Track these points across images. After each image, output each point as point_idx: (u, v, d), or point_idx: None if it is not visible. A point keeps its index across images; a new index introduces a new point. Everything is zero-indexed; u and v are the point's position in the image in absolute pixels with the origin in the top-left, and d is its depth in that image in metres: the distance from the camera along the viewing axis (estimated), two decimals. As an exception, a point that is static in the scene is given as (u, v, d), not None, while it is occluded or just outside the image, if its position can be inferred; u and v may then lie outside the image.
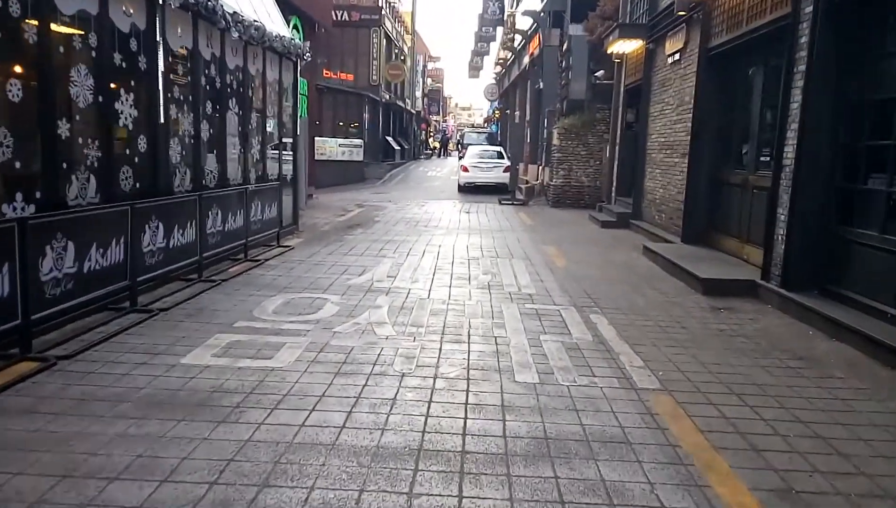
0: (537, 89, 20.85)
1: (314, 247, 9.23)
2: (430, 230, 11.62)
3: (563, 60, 17.58)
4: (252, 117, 8.67)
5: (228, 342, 4.71)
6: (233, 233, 7.55)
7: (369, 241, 10.00)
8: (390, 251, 9.05)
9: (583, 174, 16.94)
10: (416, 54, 43.41)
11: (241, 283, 6.76)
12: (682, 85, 10.24)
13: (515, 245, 10.04)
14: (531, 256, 9.03)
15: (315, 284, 6.78)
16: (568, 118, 17.06)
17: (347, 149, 24.02)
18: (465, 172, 20.54)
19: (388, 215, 13.93)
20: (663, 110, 11.21)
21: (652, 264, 8.56)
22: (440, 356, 4.58)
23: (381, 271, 7.53)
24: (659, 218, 11.16)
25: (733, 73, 8.82)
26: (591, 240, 10.90)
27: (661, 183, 11.18)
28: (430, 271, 7.66)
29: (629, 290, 7.00)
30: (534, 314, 5.83)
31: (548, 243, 10.36)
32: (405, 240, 10.23)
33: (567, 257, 9.01)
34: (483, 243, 10.26)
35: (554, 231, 11.95)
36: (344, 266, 7.78)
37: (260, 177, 9.02)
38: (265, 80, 9.08)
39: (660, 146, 11.33)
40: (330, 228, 11.64)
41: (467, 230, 11.82)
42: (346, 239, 10.17)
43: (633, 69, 13.51)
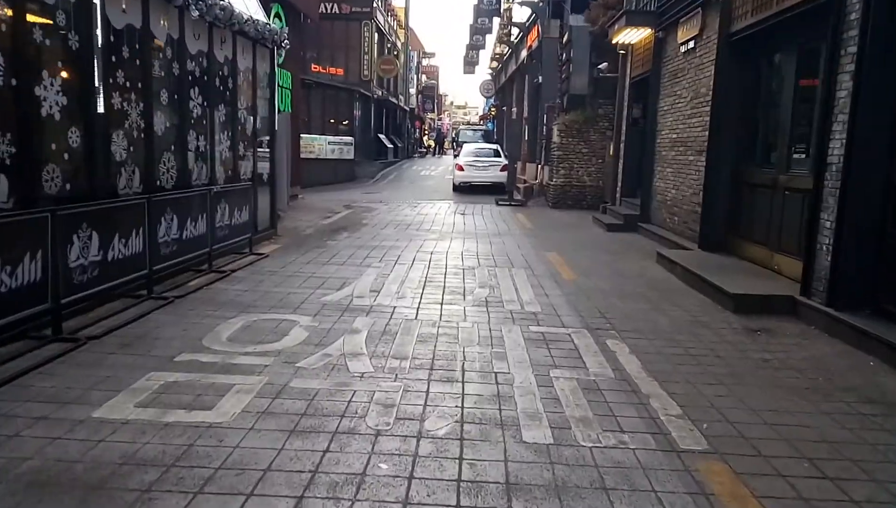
0: (536, 84, 19.94)
1: (291, 254, 8.28)
2: (421, 235, 10.68)
3: (564, 53, 16.66)
4: (220, 110, 7.72)
5: (163, 383, 3.77)
6: (194, 241, 6.59)
7: (354, 247, 9.06)
8: (376, 260, 8.11)
9: (584, 173, 16.03)
10: (409, 50, 42.42)
11: (198, 300, 5.81)
12: (697, 75, 9.33)
13: (515, 252, 9.12)
14: (533, 265, 8.10)
15: (285, 301, 5.83)
16: (569, 114, 16.15)
17: (337, 147, 23.07)
18: (460, 172, 19.61)
19: (378, 218, 12.99)
20: (675, 104, 10.30)
21: (669, 275, 7.64)
22: (427, 403, 3.64)
23: (364, 285, 6.59)
24: (671, 221, 10.25)
25: (759, 59, 7.90)
26: (597, 245, 9.98)
27: (673, 183, 10.27)
28: (419, 285, 6.73)
29: (648, 307, 6.08)
30: (540, 340, 4.91)
31: (550, 249, 9.44)
32: (394, 246, 9.29)
33: (573, 265, 8.09)
34: (480, 249, 9.33)
35: (556, 235, 11.03)
36: (321, 278, 6.84)
37: (230, 177, 8.07)
38: (236, 68, 8.12)
39: (671, 143, 10.41)
40: (312, 231, 10.69)
41: (462, 234, 10.89)
42: (329, 245, 9.22)
43: (639, 61, 12.60)
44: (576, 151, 16.01)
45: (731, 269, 7.18)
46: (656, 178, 11.20)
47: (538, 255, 8.86)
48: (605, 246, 9.89)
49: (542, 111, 18.46)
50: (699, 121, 9.17)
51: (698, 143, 9.15)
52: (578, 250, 9.45)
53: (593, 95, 16.01)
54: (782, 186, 7.11)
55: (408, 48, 41.10)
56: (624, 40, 12.71)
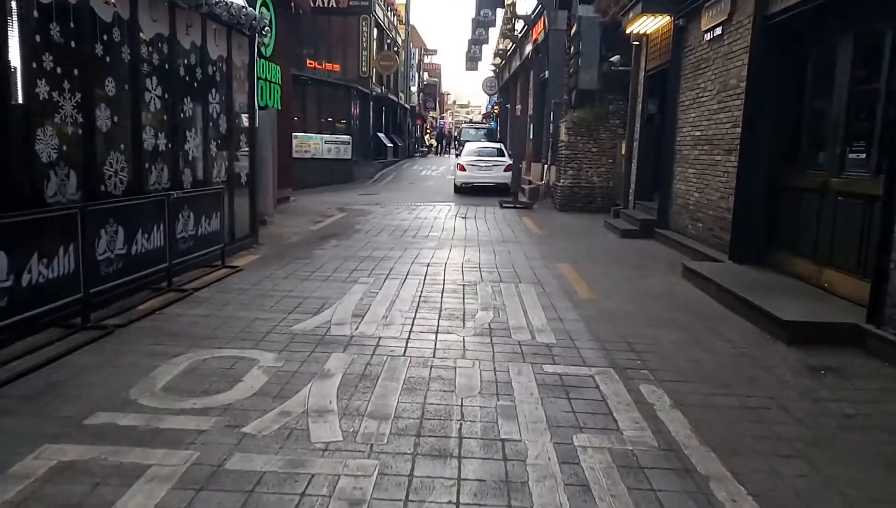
0: (541, 80, 18.94)
1: (269, 268, 7.31)
2: (418, 242, 9.70)
3: (571, 46, 15.66)
4: (185, 103, 6.75)
5: (54, 465, 2.80)
6: (147, 256, 5.62)
7: (342, 258, 8.08)
8: (365, 274, 7.13)
9: (594, 174, 15.04)
10: (410, 47, 41.43)
11: (144, 331, 4.84)
12: (725, 66, 8.33)
13: (522, 262, 8.13)
14: (543, 279, 7.12)
15: (248, 331, 4.86)
16: (577, 111, 15.15)
17: (334, 146, 22.11)
18: (462, 172, 18.62)
19: (373, 222, 12.01)
20: (699, 98, 9.30)
21: (701, 294, 6.64)
22: (409, 497, 2.66)
23: (346, 307, 5.61)
24: (694, 228, 9.25)
25: (803, 45, 6.90)
26: (612, 255, 8.99)
27: (696, 185, 9.27)
28: (411, 306, 5.75)
29: (684, 337, 5.09)
30: (558, 386, 3.93)
31: (561, 258, 8.46)
32: (387, 256, 8.32)
33: (588, 280, 7.11)
34: (482, 259, 8.34)
35: (566, 242, 10.04)
36: (298, 298, 5.87)
37: (199, 180, 7.10)
38: (205, 57, 7.15)
39: (694, 141, 9.42)
40: (299, 239, 9.72)
41: (463, 241, 9.90)
42: (315, 255, 8.25)
43: (656, 52, 11.60)
44: (585, 150, 15.02)
45: (774, 288, 6.18)
46: (676, 179, 10.21)
47: (548, 267, 7.87)
48: (622, 256, 8.89)
49: (549, 108, 17.46)
50: (728, 116, 8.17)
51: (727, 141, 8.16)
52: (593, 260, 8.46)
53: (603, 90, 15.01)
54: (834, 191, 6.11)
55: (408, 44, 40.10)
56: (639, 30, 11.72)
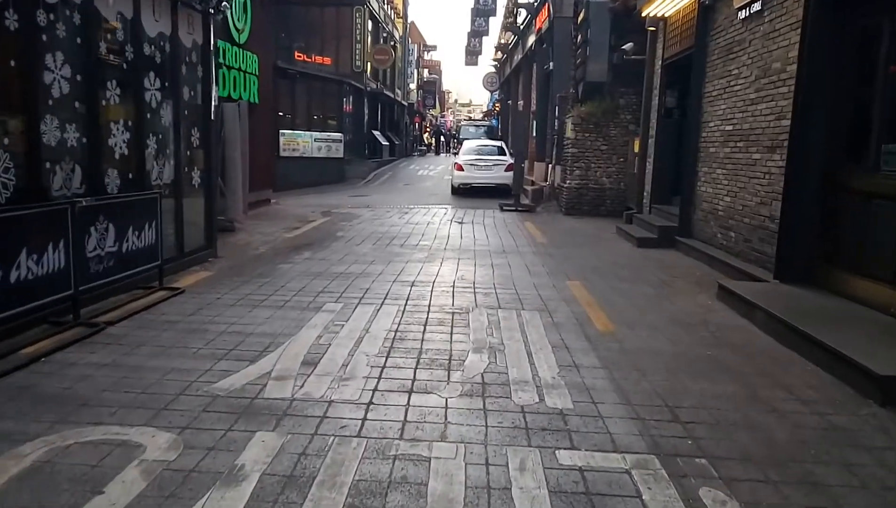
0: (546, 72, 17.64)
1: (219, 289, 6.04)
2: (405, 253, 8.43)
3: (578, 34, 14.36)
4: (109, 89, 5.47)
5: None
6: (39, 282, 4.34)
7: (311, 275, 6.81)
8: (333, 297, 5.86)
9: (603, 174, 13.75)
10: (408, 42, 40.07)
11: (4, 393, 3.56)
12: (766, 47, 7.04)
13: (525, 280, 6.85)
14: (550, 303, 5.83)
15: (152, 391, 3.58)
16: (585, 105, 13.85)
17: (325, 144, 20.85)
18: (460, 172, 17.33)
19: (357, 228, 10.73)
20: (731, 87, 8.00)
21: (743, 322, 5.36)
22: None
23: (297, 350, 4.33)
24: (725, 238, 7.96)
25: (874, 16, 5.61)
26: (629, 269, 7.70)
27: (727, 188, 7.98)
28: (382, 347, 4.47)
29: (740, 392, 3.81)
30: (580, 494, 2.65)
31: (570, 274, 7.18)
32: (365, 272, 7.04)
33: (604, 303, 5.83)
34: (478, 275, 7.06)
35: (575, 253, 8.75)
36: (238, 335, 4.59)
37: (131, 183, 5.82)
38: (139, 32, 5.88)
39: (724, 137, 8.13)
40: (267, 249, 8.44)
41: (457, 252, 8.62)
42: (279, 271, 6.98)
43: (676, 37, 10.31)
44: (593, 148, 13.73)
45: (842, 319, 4.89)
46: (701, 181, 8.92)
47: (556, 285, 6.59)
48: (641, 270, 7.60)
49: (554, 103, 16.17)
50: (769, 107, 6.89)
51: (768, 135, 6.88)
52: (607, 276, 7.17)
53: (613, 82, 13.71)
54: (920, 198, 4.83)
55: (406, 39, 38.75)
56: (656, 13, 10.45)
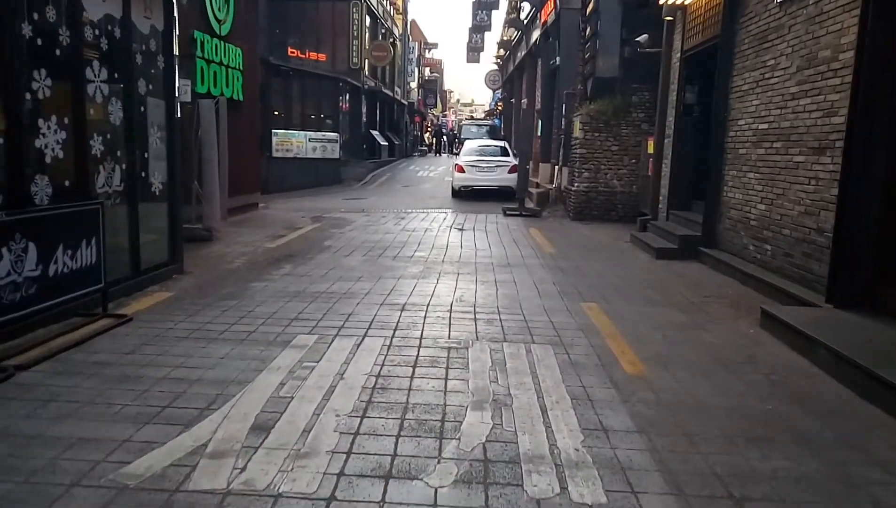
0: (551, 68, 16.72)
1: (174, 315, 5.12)
2: (398, 267, 7.51)
3: (587, 27, 13.44)
4: (37, 80, 4.56)
5: None
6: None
7: (286, 296, 5.90)
8: (307, 326, 4.94)
9: (614, 177, 12.82)
10: (409, 39, 39.11)
11: None
12: (811, 33, 6.12)
13: (533, 302, 5.92)
14: (566, 334, 4.91)
15: (34, 480, 2.64)
16: (594, 103, 12.93)
17: (320, 144, 19.93)
18: (461, 173, 16.40)
19: (348, 236, 9.82)
20: (764, 80, 7.08)
21: (798, 359, 4.42)
22: None
23: (247, 408, 3.40)
24: (759, 251, 7.03)
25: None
26: (652, 286, 6.76)
27: (760, 194, 7.05)
28: (357, 403, 3.53)
29: (822, 471, 2.88)
30: None
31: (586, 294, 6.26)
32: (349, 292, 6.13)
33: (629, 333, 4.90)
34: (480, 295, 6.14)
35: (588, 265, 7.82)
36: (179, 384, 3.68)
37: (68, 190, 4.90)
38: (77, 14, 4.96)
39: (758, 136, 7.20)
40: (243, 263, 7.53)
41: (456, 266, 7.70)
42: (251, 291, 6.07)
43: (697, 27, 9.38)
44: (603, 148, 12.81)
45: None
46: (728, 186, 7.99)
47: (570, 309, 5.67)
48: (666, 288, 6.67)
49: (560, 100, 15.24)
50: (816, 102, 5.96)
51: (814, 135, 5.95)
52: (628, 296, 6.24)
53: (624, 78, 12.79)
54: None
55: (406, 36, 37.80)
56: (675, 0, 9.53)
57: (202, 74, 9.91)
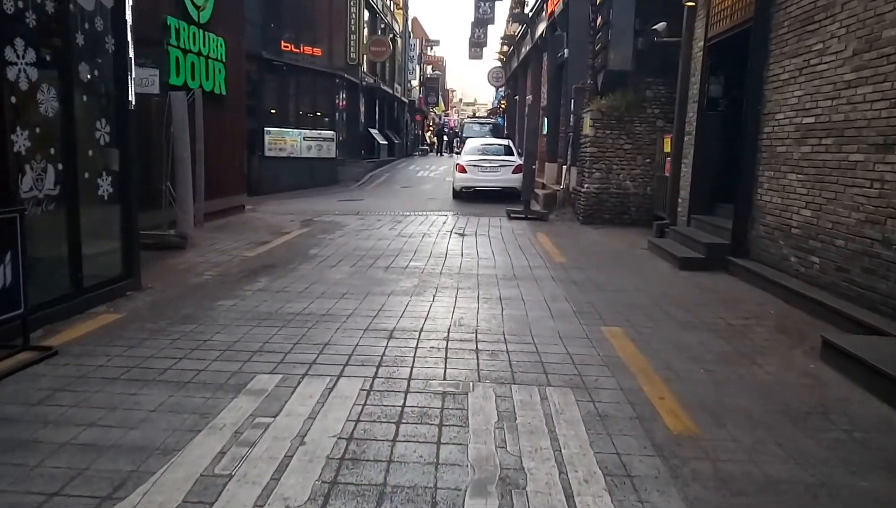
0: (558, 62, 15.80)
1: (111, 347, 4.23)
2: (390, 280, 6.61)
3: (598, 16, 12.52)
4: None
5: None
6: None
7: (254, 319, 5.00)
8: (270, 363, 4.04)
9: (627, 177, 11.90)
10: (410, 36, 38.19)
11: None
12: (870, 11, 5.21)
13: (546, 326, 5.01)
14: (589, 371, 4.00)
15: None
16: (605, 98, 12.01)
17: (315, 143, 19.05)
18: (462, 174, 15.49)
19: (337, 243, 8.92)
20: (810, 67, 6.16)
21: (884, 409, 3.52)
22: None
23: (164, 494, 2.51)
24: (803, 263, 6.11)
25: None
26: (682, 305, 5.84)
27: (805, 198, 6.14)
28: (319, 485, 2.62)
29: None
30: None
31: (607, 315, 5.34)
32: (331, 313, 5.23)
33: (670, 375, 3.99)
34: (482, 319, 5.23)
35: (605, 279, 6.91)
36: (83, 455, 2.78)
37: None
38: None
39: (802, 132, 6.29)
40: (214, 276, 6.63)
41: (456, 278, 6.80)
42: (215, 312, 5.17)
43: (724, 11, 8.46)
44: (615, 146, 11.89)
45: None
46: (763, 188, 7.07)
47: (590, 335, 4.76)
48: (698, 307, 5.75)
49: (569, 96, 14.32)
50: (880, 91, 5.06)
51: (877, 129, 5.06)
52: (656, 318, 5.33)
53: (638, 71, 11.87)
54: None
55: (407, 32, 36.89)
56: (700, -19, 8.64)
57: (177, 65, 9.02)
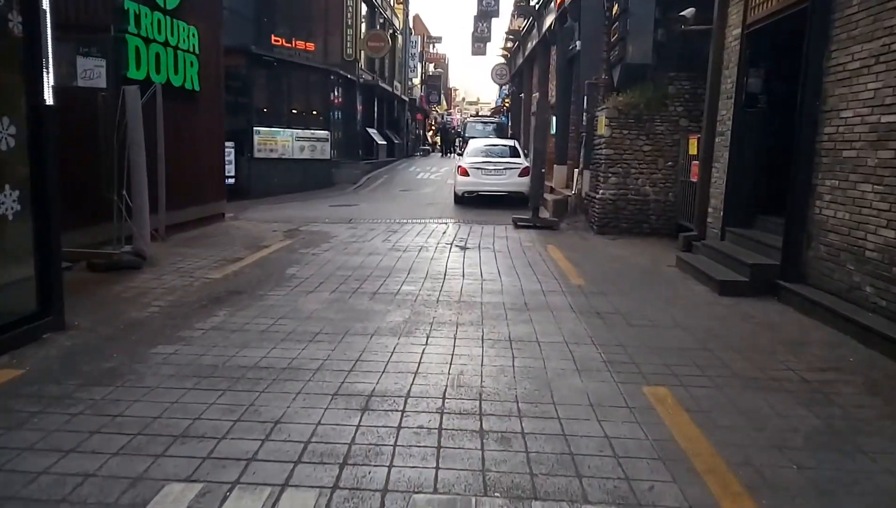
0: (569, 56, 14.65)
1: (-16, 428, 3.11)
2: (375, 312, 5.46)
3: (614, 4, 11.37)
4: None
5: None
6: None
7: (193, 376, 3.86)
8: (192, 462, 2.89)
9: (647, 182, 10.74)
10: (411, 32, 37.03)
11: None
12: None
13: (570, 386, 3.86)
14: (638, 474, 2.84)
15: None
16: (622, 95, 10.86)
17: (308, 143, 17.95)
18: (465, 177, 14.34)
19: (320, 261, 7.78)
20: (893, 53, 5.00)
21: None
22: None
23: None
24: (884, 295, 4.94)
25: None
26: (739, 349, 4.67)
27: (886, 215, 4.98)
28: None
29: None
30: None
31: (646, 366, 4.19)
32: (292, 366, 4.09)
33: (755, 478, 2.84)
34: (486, 375, 4.07)
35: (635, 308, 5.73)
36: None
37: None
38: None
39: (879, 133, 5.12)
40: (163, 307, 5.49)
41: (456, 309, 5.65)
42: (144, 365, 4.04)
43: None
44: (633, 148, 10.73)
45: None
46: (823, 200, 5.90)
47: (631, 404, 3.60)
48: (758, 352, 4.58)
49: (580, 93, 13.16)
50: None
51: None
52: (710, 370, 4.16)
53: (659, 64, 10.75)
54: None
55: (408, 29, 35.73)
56: (738, -41, 7.48)
57: (137, 56, 7.88)
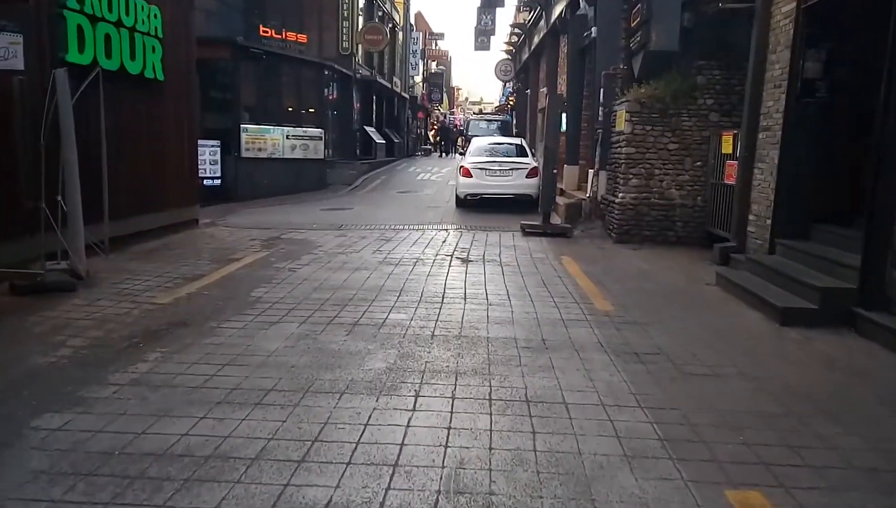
0: (582, 45, 13.40)
1: None
2: (350, 355, 4.23)
3: (636, -15, 10.14)
4: None
5: None
6: None
7: (71, 476, 2.64)
8: None
9: (672, 185, 9.49)
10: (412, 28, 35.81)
11: None
12: None
13: (622, 490, 2.63)
14: None
15: None
16: (645, 86, 9.62)
17: (300, 142, 16.76)
18: (467, 178, 13.09)
19: (296, 278, 6.56)
20: None
21: None
22: None
23: None
24: None
25: None
26: (835, 418, 3.44)
27: None
28: None
29: None
30: None
31: (723, 453, 2.97)
32: (218, 454, 2.86)
33: None
34: (496, 468, 2.83)
35: (681, 346, 4.50)
36: None
37: None
38: None
39: None
40: (77, 349, 4.27)
41: (455, 349, 4.41)
42: (14, 448, 2.82)
43: (832, -43, 6.06)
44: (657, 146, 9.48)
45: None
46: (920, 209, 4.67)
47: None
48: (867, 426, 3.34)
49: (596, 85, 11.92)
50: None
51: None
52: (816, 463, 2.93)
53: (686, 52, 9.51)
54: None
55: (409, 25, 34.51)
56: (796, -83, 6.26)
57: (80, 36, 6.66)
